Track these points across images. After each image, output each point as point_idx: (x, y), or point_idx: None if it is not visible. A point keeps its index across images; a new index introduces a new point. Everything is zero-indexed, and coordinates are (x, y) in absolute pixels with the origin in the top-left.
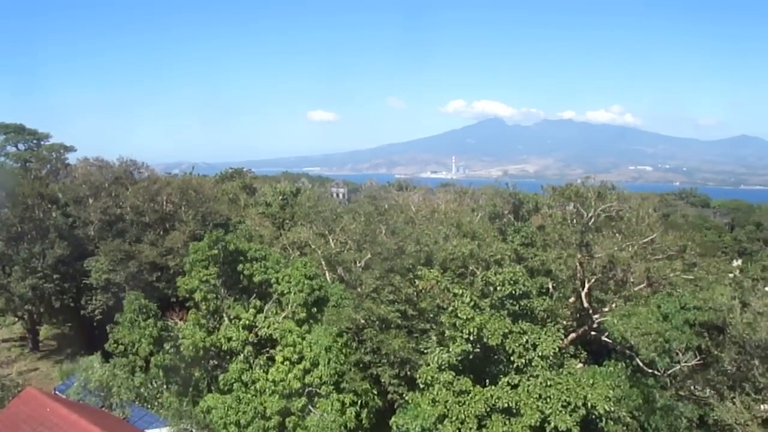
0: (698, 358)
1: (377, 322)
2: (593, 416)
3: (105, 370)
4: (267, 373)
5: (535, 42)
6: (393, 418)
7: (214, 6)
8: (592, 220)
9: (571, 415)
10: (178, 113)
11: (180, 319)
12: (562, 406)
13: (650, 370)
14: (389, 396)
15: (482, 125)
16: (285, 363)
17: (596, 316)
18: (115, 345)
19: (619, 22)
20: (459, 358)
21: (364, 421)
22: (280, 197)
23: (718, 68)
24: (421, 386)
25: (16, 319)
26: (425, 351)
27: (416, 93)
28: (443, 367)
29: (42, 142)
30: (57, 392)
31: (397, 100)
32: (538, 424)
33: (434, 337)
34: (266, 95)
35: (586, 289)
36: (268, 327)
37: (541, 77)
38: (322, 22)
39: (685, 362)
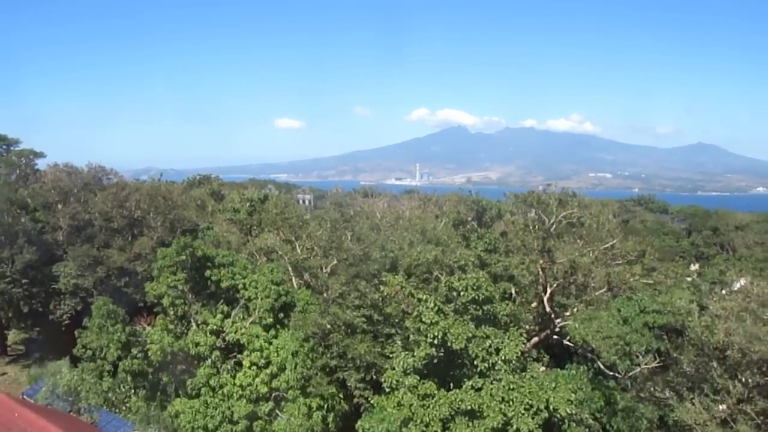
0: (658, 360)
1: (343, 327)
2: (556, 419)
3: (73, 374)
4: (234, 377)
5: (497, 52)
6: (359, 422)
7: (181, 15)
8: (554, 226)
9: (533, 418)
10: (146, 120)
11: (148, 324)
12: (525, 409)
13: (611, 373)
14: (355, 400)
15: (446, 133)
16: (252, 368)
17: (558, 320)
18: (84, 350)
19: (577, 32)
20: (423, 362)
21: (330, 425)
22: (248, 204)
23: (674, 76)
24: (387, 390)
25: None
26: (390, 355)
27: (382, 102)
28: (408, 371)
29: (11, 148)
30: (25, 397)
31: (363, 108)
32: (501, 426)
33: (399, 342)
34: (234, 103)
35: (548, 294)
36: (235, 332)
37: (503, 86)
38: (290, 31)
39: (645, 364)
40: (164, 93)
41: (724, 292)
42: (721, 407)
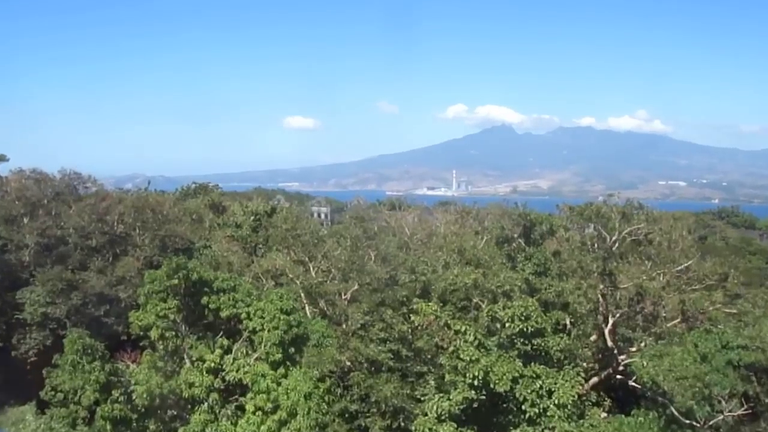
0: (745, 406)
1: (366, 365)
2: None
3: (40, 423)
4: (236, 425)
5: (547, 38)
6: None
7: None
8: (617, 244)
9: None
10: (132, 119)
11: (132, 362)
12: None
13: (687, 421)
14: None
15: (487, 134)
16: (257, 413)
17: (622, 357)
18: (53, 393)
19: (644, 16)
20: (461, 406)
21: None
22: (252, 217)
23: (763, 62)
24: None
25: None
26: (422, 398)
27: (411, 96)
28: (443, 418)
29: None
30: None
31: (388, 104)
32: None
33: (432, 382)
34: (235, 99)
35: (609, 326)
36: (237, 370)
37: (555, 78)
38: (300, 15)
39: (729, 411)
40: (153, 87)
41: None
42: None
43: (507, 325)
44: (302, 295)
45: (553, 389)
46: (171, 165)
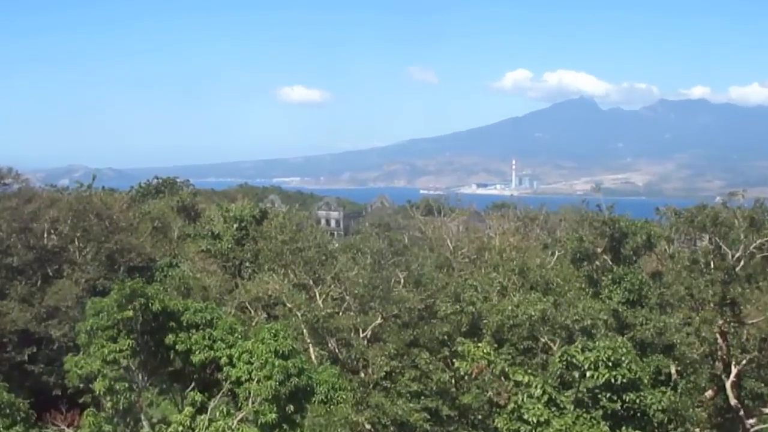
0: None
1: (392, 429)
2: None
3: None
4: None
5: None
6: None
7: None
8: (742, 262)
9: None
10: (65, 92)
11: (69, 425)
12: None
13: None
14: None
15: (559, 110)
16: None
17: (751, 420)
18: None
19: None
20: None
21: None
22: (236, 225)
23: None
24: None
25: None
26: None
27: (453, 59)
28: None
29: None
30: None
31: (421, 70)
32: None
33: None
34: (210, 62)
35: (732, 377)
36: None
37: (653, 34)
38: None
39: None
40: (93, 50)
41: None
42: None
43: (588, 374)
44: (305, 331)
45: None
46: (123, 154)
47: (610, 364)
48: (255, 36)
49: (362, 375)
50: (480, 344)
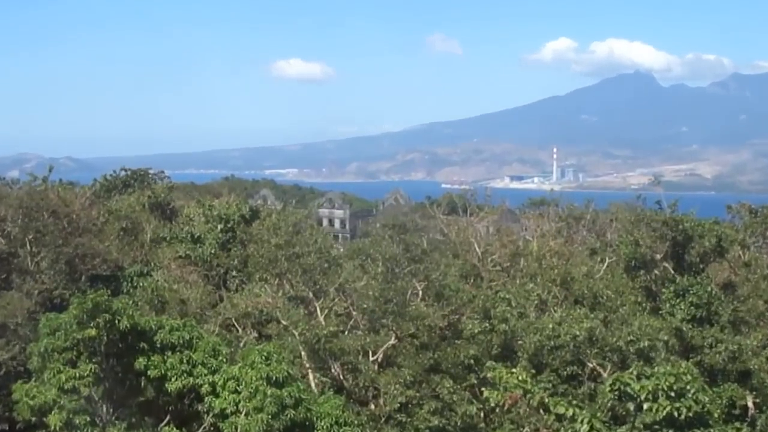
0: None
1: None
2: None
3: None
4: None
5: None
6: None
7: None
8: None
9: None
10: (15, 71)
11: None
12: None
13: None
14: None
15: (610, 87)
16: None
17: None
18: None
19: None
20: None
21: None
22: (221, 226)
23: None
24: None
25: None
26: None
27: (481, 26)
28: None
29: None
30: None
31: (444, 39)
32: None
33: None
34: (190, 30)
35: None
36: None
37: None
38: None
39: None
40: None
41: None
42: None
43: (645, 406)
44: (303, 354)
45: None
46: (85, 141)
47: (673, 394)
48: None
49: (372, 407)
50: (514, 370)
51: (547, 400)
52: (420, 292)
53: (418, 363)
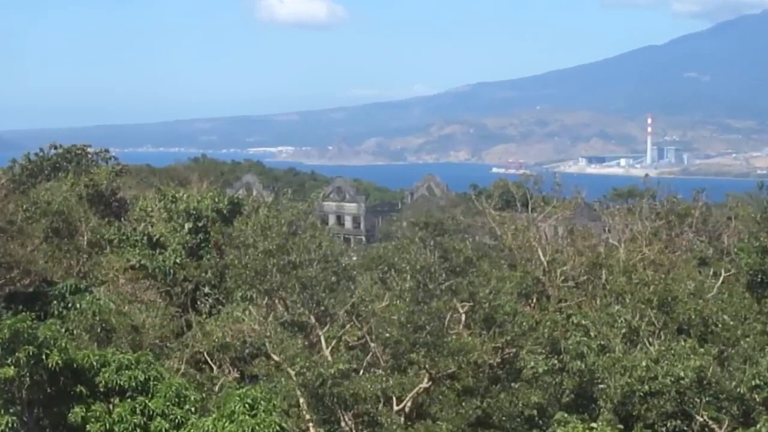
0: None
1: None
2: None
3: None
4: None
5: None
6: None
7: None
8: None
9: None
10: None
11: None
12: None
13: None
14: None
15: (727, 33)
16: None
17: None
18: None
19: None
20: None
21: None
22: (190, 225)
23: None
24: None
25: None
26: None
27: None
28: None
29: None
30: None
31: None
32: None
33: None
34: None
35: None
36: None
37: None
38: None
39: None
40: None
41: None
42: None
43: None
44: (302, 401)
45: None
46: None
47: None
48: None
49: None
50: (594, 425)
51: None
52: (463, 317)
53: (460, 414)
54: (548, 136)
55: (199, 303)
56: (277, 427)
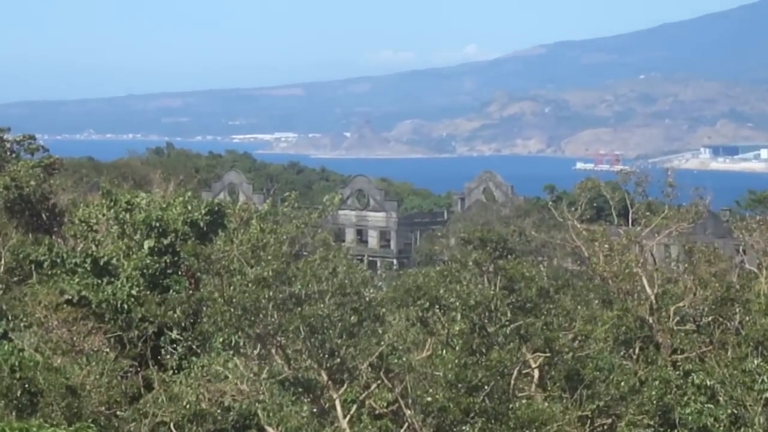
0: None
1: None
2: None
3: None
4: None
5: None
6: None
7: None
8: None
9: None
10: None
11: None
12: None
13: None
14: None
15: None
16: None
17: None
18: None
19: None
20: None
21: None
22: (152, 243)
23: None
24: None
25: None
26: None
27: None
28: None
29: None
30: None
31: None
32: None
33: None
34: None
35: None
36: None
37: None
38: None
39: None
40: None
41: None
42: None
43: None
44: None
45: None
46: None
47: None
48: None
49: None
50: None
51: None
52: (536, 373)
53: None
54: (657, 118)
55: (163, 353)
56: None
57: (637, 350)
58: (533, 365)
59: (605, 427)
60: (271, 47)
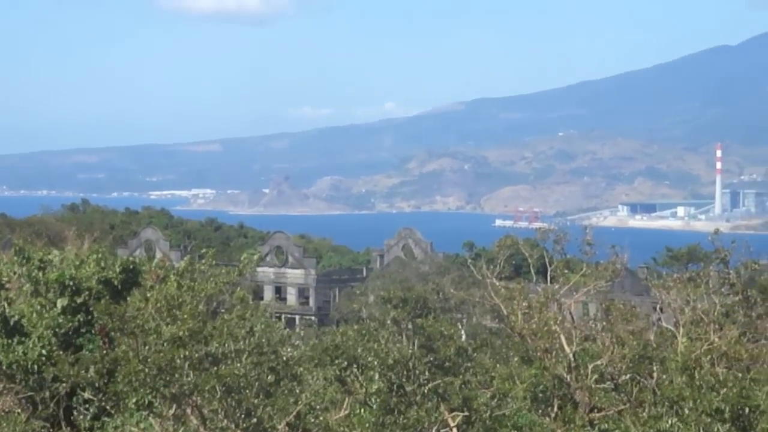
0: None
1: None
2: None
3: None
4: None
5: None
6: None
7: None
8: None
9: None
10: None
11: None
12: None
13: None
14: None
15: None
16: None
17: None
18: None
19: None
20: None
21: None
22: (64, 303)
23: None
24: None
25: None
26: None
27: None
28: None
29: None
30: None
31: None
32: None
33: None
34: None
35: None
36: None
37: None
38: None
39: None
40: None
41: None
42: None
43: None
44: None
45: None
46: None
47: None
48: None
49: None
50: None
51: None
52: None
53: None
54: (575, 175)
55: (76, 413)
56: None
57: (555, 408)
58: (451, 424)
59: None
60: (188, 103)
